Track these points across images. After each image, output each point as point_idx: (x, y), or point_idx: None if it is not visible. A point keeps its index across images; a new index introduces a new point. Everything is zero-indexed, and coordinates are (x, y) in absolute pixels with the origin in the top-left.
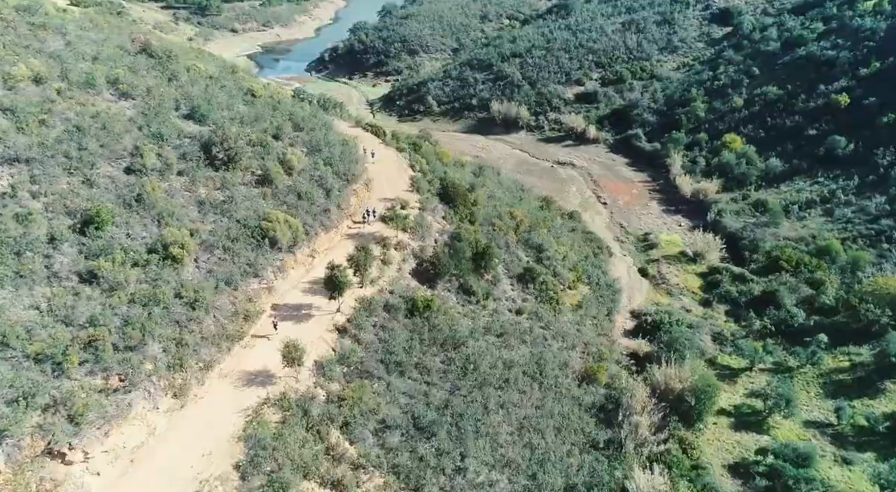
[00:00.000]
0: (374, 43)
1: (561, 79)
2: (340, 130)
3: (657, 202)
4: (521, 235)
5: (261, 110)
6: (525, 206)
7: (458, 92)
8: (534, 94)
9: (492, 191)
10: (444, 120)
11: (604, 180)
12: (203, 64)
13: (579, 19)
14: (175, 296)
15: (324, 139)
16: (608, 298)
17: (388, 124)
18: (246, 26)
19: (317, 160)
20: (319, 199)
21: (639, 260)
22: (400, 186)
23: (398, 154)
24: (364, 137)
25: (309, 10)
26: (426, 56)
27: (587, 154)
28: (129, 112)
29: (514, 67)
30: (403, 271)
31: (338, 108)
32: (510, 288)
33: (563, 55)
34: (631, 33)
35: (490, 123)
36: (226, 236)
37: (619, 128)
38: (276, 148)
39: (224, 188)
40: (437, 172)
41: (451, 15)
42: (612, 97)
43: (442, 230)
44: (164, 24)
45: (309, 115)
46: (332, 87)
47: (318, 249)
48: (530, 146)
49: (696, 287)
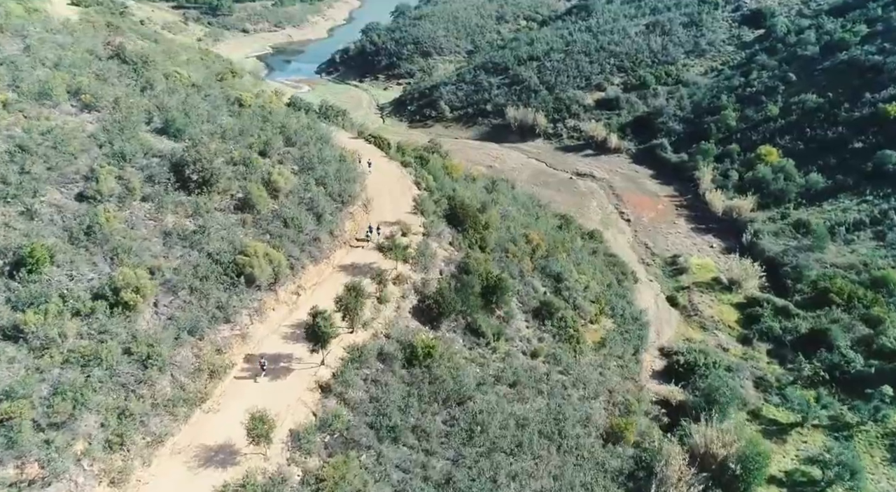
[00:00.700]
0: (387, 44)
1: (580, 84)
2: (339, 143)
3: (685, 220)
4: (537, 262)
5: (248, 123)
6: (542, 225)
7: (471, 97)
8: (552, 99)
9: (505, 209)
10: (456, 126)
11: (627, 194)
12: (186, 70)
13: (600, 21)
14: (124, 352)
15: (318, 155)
16: (635, 333)
17: (398, 130)
18: (257, 27)
19: (308, 180)
20: (309, 225)
21: (667, 287)
22: (403, 206)
23: (402, 169)
24: (366, 150)
25: (322, 11)
26: (439, 58)
27: (608, 165)
28: (91, 127)
29: (531, 71)
30: (402, 310)
31: (340, 116)
32: (525, 325)
33: (583, 59)
34: (655, 36)
35: (505, 129)
36: (193, 274)
37: (643, 137)
38: (262, 167)
39: (196, 215)
40: (446, 190)
41: (465, 15)
42: (634, 104)
43: (448, 259)
44: (173, 24)
45: (303, 126)
46: (342, 90)
47: (304, 284)
48: (547, 155)
49: (733, 321)
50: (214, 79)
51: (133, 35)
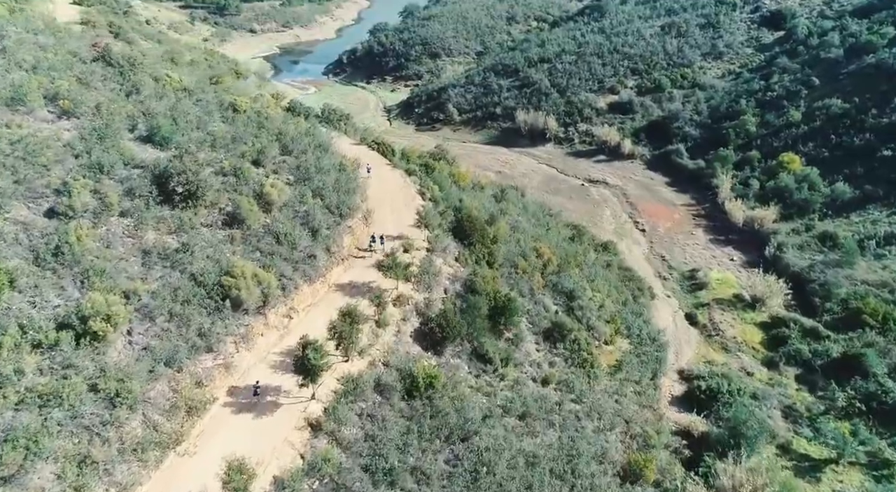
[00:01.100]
0: (394, 45)
1: (593, 86)
2: (340, 150)
3: (703, 230)
4: (548, 278)
5: (241, 130)
6: (553, 236)
7: (480, 99)
8: (563, 102)
9: (515, 219)
10: (465, 130)
11: (641, 202)
12: (177, 73)
13: (614, 22)
14: (90, 389)
15: (315, 164)
16: (652, 355)
17: (405, 134)
18: (265, 27)
19: (304, 191)
20: (303, 241)
21: (686, 303)
22: (406, 218)
23: (406, 178)
24: (369, 158)
25: (331, 11)
26: (448, 60)
27: (622, 171)
28: (67, 135)
29: (541, 73)
30: (403, 334)
31: (343, 120)
32: (535, 348)
33: (596, 61)
34: (671, 37)
35: (515, 133)
36: (173, 298)
37: (658, 142)
38: (255, 177)
39: (180, 232)
40: (452, 200)
41: (475, 16)
42: (649, 108)
43: (454, 276)
44: (179, 24)
45: (301, 133)
46: (349, 92)
47: (297, 306)
48: (558, 161)
49: (757, 342)
50: (208, 82)
51: (135, 35)
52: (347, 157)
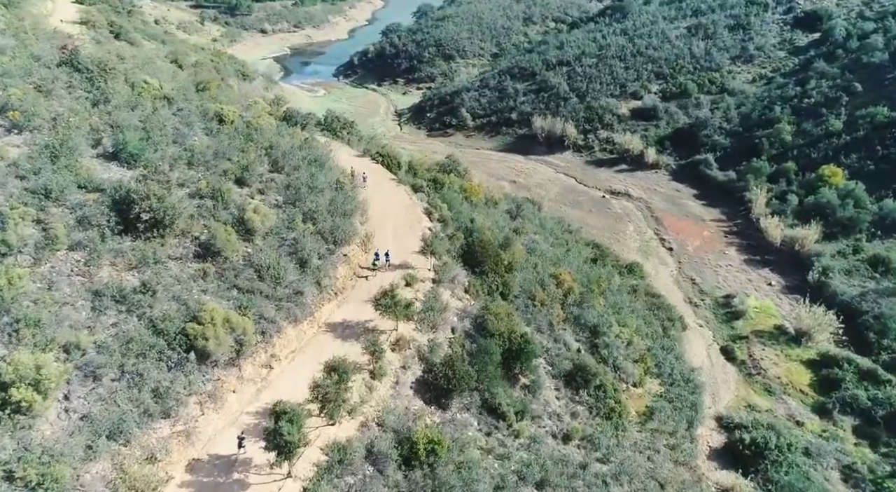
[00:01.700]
0: (407, 46)
1: (614, 91)
2: (340, 164)
3: (737, 250)
4: (569, 311)
5: (226, 143)
6: (573, 258)
7: (495, 104)
8: (582, 108)
9: (531, 239)
10: (478, 136)
11: (667, 217)
12: (157, 79)
13: (637, 23)
14: (4, 478)
15: (309, 182)
16: (687, 399)
17: (415, 139)
18: (276, 27)
19: (293, 215)
20: (290, 275)
21: (721, 335)
22: (410, 243)
23: (412, 196)
24: (373, 171)
25: (344, 11)
26: (462, 62)
27: (645, 182)
28: (14, 153)
29: (560, 77)
30: (402, 385)
31: (347, 128)
32: (555, 396)
33: (618, 64)
34: (698, 39)
35: (531, 140)
36: (124, 351)
37: (684, 151)
38: (237, 200)
39: (141, 268)
40: (463, 220)
41: (491, 17)
42: (674, 114)
43: (463, 311)
44: (188, 23)
45: (295, 146)
46: (360, 95)
47: (280, 352)
48: (578, 170)
49: (805, 384)
50: (193, 89)
51: (138, 35)
52: (346, 172)
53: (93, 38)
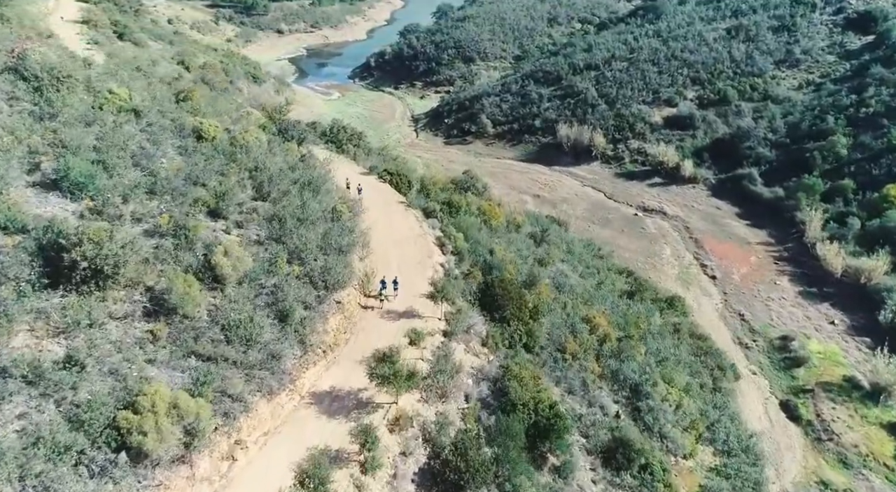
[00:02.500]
0: (426, 48)
1: (647, 97)
2: (341, 182)
3: (790, 280)
4: (605, 364)
5: (202, 165)
6: (606, 293)
7: (517, 110)
8: (612, 115)
9: (558, 271)
10: (499, 144)
11: (708, 239)
12: (126, 90)
13: (671, 24)
14: None
15: (299, 212)
16: (747, 475)
17: (431, 147)
18: (293, 27)
19: (277, 254)
20: (267, 333)
21: (779, 385)
22: (418, 283)
23: (423, 224)
24: (379, 191)
25: (363, 11)
26: (483, 64)
27: (682, 198)
28: None
29: (587, 82)
30: (402, 478)
31: (355, 140)
32: (590, 479)
33: (651, 68)
34: (738, 42)
35: (556, 150)
36: (28, 454)
37: (724, 164)
38: (207, 237)
39: (69, 334)
40: (481, 251)
41: (513, 17)
42: (713, 123)
43: (480, 371)
44: (202, 23)
45: (286, 167)
46: (375, 98)
47: (248, 436)
48: (606, 183)
49: (889, 455)
50: (172, 99)
51: (143, 35)
52: (346, 195)
53: (91, 38)
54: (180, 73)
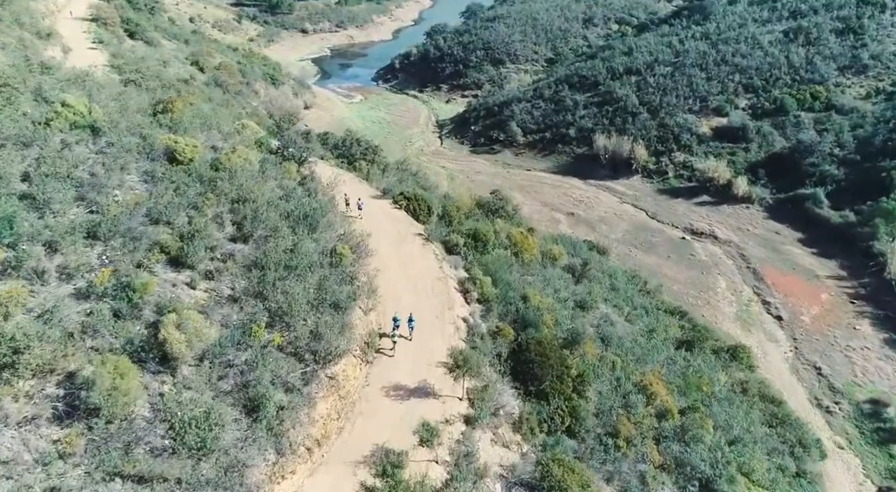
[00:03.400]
0: (453, 49)
1: (693, 106)
2: (342, 204)
3: (872, 324)
4: (667, 450)
5: (170, 196)
6: (660, 343)
7: (550, 118)
8: (654, 125)
9: (604, 317)
10: (529, 154)
11: (769, 270)
12: (85, 100)
13: (721, 26)
14: None
15: (287, 258)
16: None
17: (457, 156)
18: (317, 26)
19: (253, 317)
20: (229, 434)
21: (874, 465)
22: (434, 345)
23: (444, 263)
24: (394, 219)
25: (390, 11)
26: (513, 67)
27: (735, 220)
28: None
29: (627, 88)
30: None
31: (369, 154)
32: None
33: (698, 74)
34: (797, 46)
35: (592, 161)
36: None
37: (783, 182)
38: (160, 296)
39: None
40: (512, 298)
41: (547, 17)
42: (768, 135)
43: (511, 473)
44: (224, 22)
45: (280, 195)
46: (399, 102)
47: None
48: (649, 201)
49: None
50: (148, 111)
51: (157, 34)
52: (347, 211)
53: (97, 37)
54: (192, 74)
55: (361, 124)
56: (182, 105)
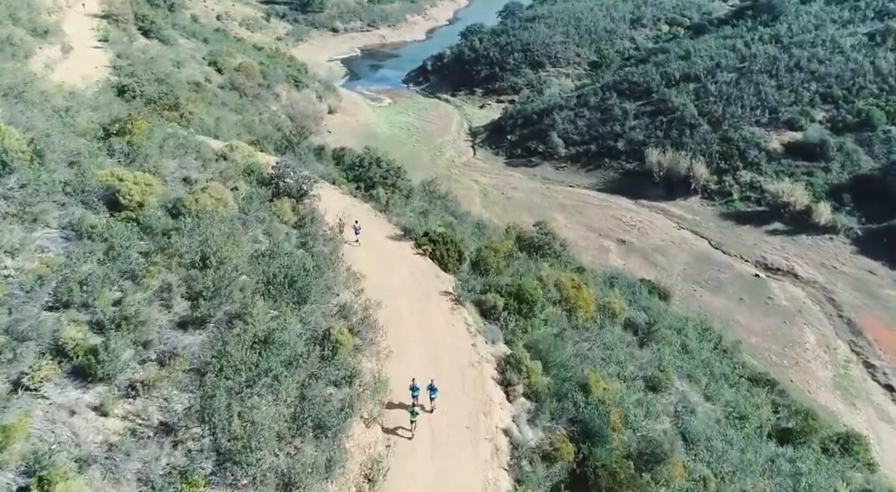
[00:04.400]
0: (489, 51)
1: (762, 117)
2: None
3: None
4: None
5: (89, 265)
6: (755, 437)
7: (596, 128)
8: (716, 139)
9: (682, 400)
10: (572, 168)
11: (867, 320)
12: None
13: (794, 27)
14: None
15: (254, 358)
16: None
17: (490, 169)
18: (349, 25)
19: (186, 466)
20: None
21: None
22: (468, 479)
23: (479, 337)
24: (417, 267)
25: (424, 10)
26: (553, 70)
27: (817, 254)
28: None
29: (685, 96)
30: None
31: (392, 178)
32: None
33: (767, 81)
34: (885, 50)
35: (643, 179)
36: None
37: (872, 209)
38: (27, 451)
39: None
40: (568, 389)
41: (591, 18)
42: (852, 153)
43: None
44: (252, 20)
45: (262, 251)
46: (429, 106)
47: None
48: (711, 227)
49: None
50: (98, 134)
51: (174, 32)
52: (341, 239)
53: (104, 35)
54: (208, 75)
55: (388, 130)
56: (144, 125)
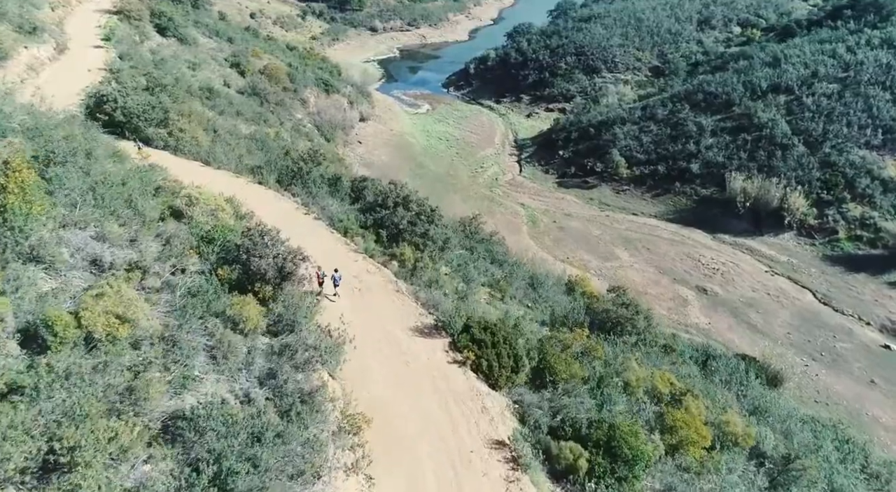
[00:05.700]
0: (538, 54)
1: (873, 138)
2: (322, 286)
3: None
4: None
5: None
6: None
7: (665, 146)
8: (815, 163)
9: None
10: (636, 192)
11: None
12: None
13: None
14: None
15: None
16: None
17: (540, 190)
18: (388, 24)
19: None
20: None
21: None
22: None
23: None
24: (452, 390)
25: (468, 9)
26: (610, 76)
27: None
28: None
29: (774, 111)
30: None
31: (422, 223)
32: None
33: (880, 95)
34: None
35: (723, 208)
36: None
37: None
38: None
39: None
40: None
41: (653, 18)
42: None
43: None
44: (287, 18)
45: None
46: (471, 114)
47: None
48: (813, 273)
49: None
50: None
51: (194, 31)
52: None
53: (110, 33)
54: (227, 79)
55: (425, 142)
56: (28, 176)
